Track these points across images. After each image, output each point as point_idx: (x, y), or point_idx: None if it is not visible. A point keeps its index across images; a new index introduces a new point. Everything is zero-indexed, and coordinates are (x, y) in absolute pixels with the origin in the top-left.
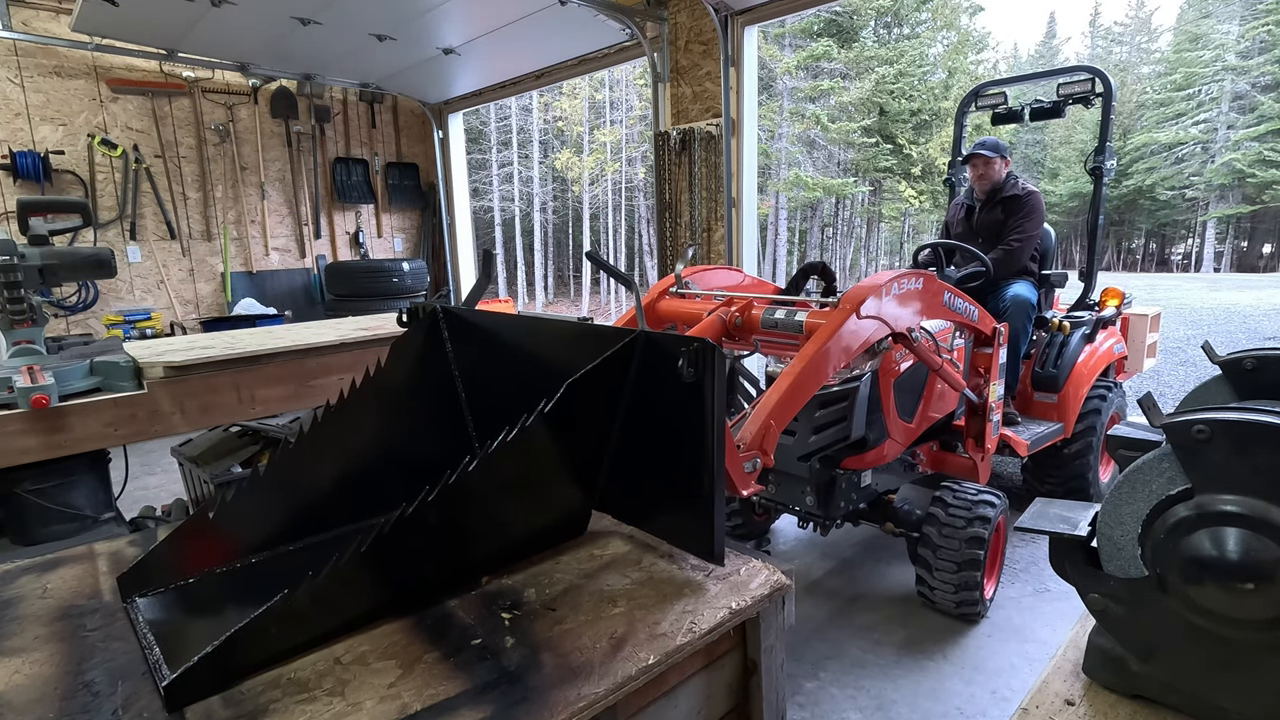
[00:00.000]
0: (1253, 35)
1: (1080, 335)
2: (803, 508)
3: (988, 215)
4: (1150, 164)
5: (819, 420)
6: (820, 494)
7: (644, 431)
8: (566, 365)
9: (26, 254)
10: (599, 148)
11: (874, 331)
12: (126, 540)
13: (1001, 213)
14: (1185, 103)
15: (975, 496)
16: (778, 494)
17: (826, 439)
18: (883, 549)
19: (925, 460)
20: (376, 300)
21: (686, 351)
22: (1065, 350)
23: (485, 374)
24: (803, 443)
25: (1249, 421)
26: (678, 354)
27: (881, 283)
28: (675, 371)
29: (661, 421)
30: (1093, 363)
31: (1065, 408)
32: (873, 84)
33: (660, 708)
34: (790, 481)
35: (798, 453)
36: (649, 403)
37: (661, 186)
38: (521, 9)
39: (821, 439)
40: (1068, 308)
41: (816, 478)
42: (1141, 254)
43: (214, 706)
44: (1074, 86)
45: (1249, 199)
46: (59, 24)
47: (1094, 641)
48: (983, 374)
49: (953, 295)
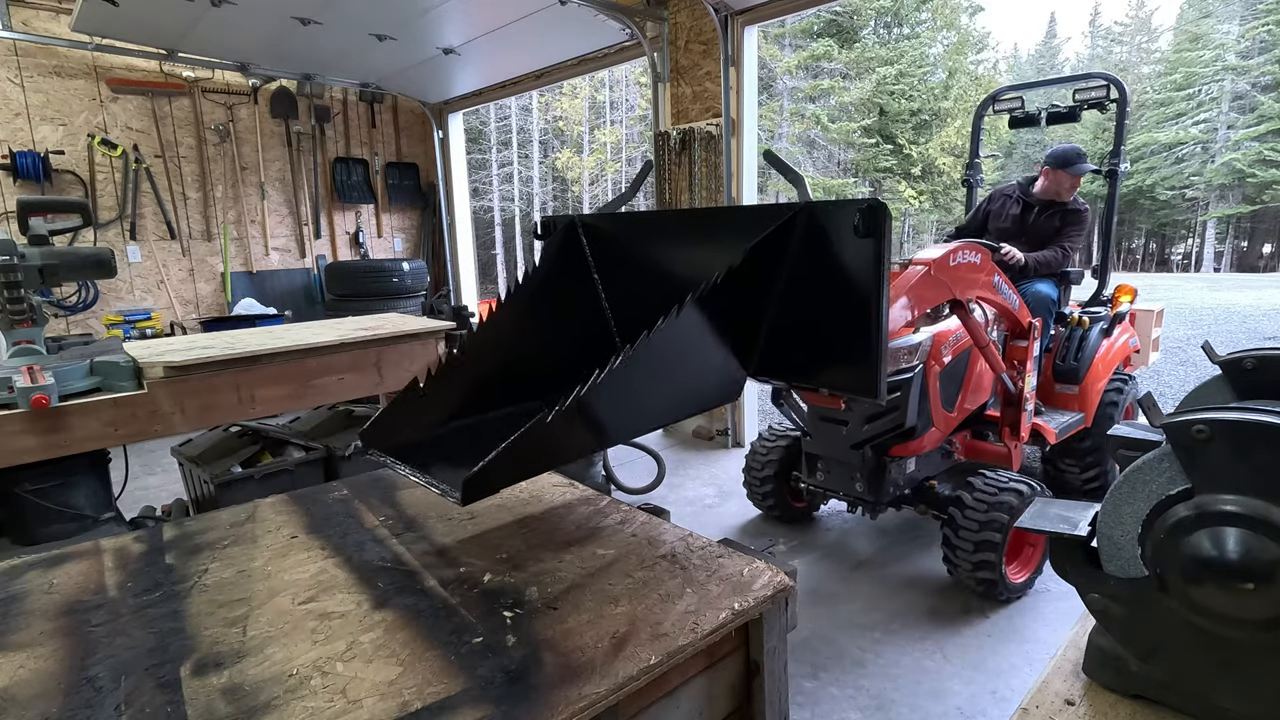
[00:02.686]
0: (1253, 35)
1: (1098, 330)
2: (852, 494)
3: (1045, 221)
4: (1150, 164)
5: (872, 411)
6: (871, 480)
7: (804, 295)
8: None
9: (26, 254)
10: (599, 148)
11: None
12: (132, 537)
13: (1059, 222)
14: (1185, 103)
15: (1005, 484)
16: (827, 481)
17: (880, 428)
18: (886, 545)
19: (960, 448)
20: (376, 300)
21: (862, 211)
22: (1085, 344)
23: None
24: (856, 431)
25: (1249, 421)
26: (850, 215)
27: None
28: (841, 234)
29: (823, 282)
30: (1110, 356)
31: (1086, 399)
32: (873, 84)
33: (662, 708)
34: (840, 469)
35: (851, 441)
36: (812, 267)
37: (661, 186)
38: (521, 9)
39: (875, 428)
40: (1080, 304)
41: (868, 465)
42: (1141, 254)
43: (216, 702)
44: (1090, 92)
45: (1249, 199)
46: (59, 24)
47: (1094, 641)
48: (1017, 366)
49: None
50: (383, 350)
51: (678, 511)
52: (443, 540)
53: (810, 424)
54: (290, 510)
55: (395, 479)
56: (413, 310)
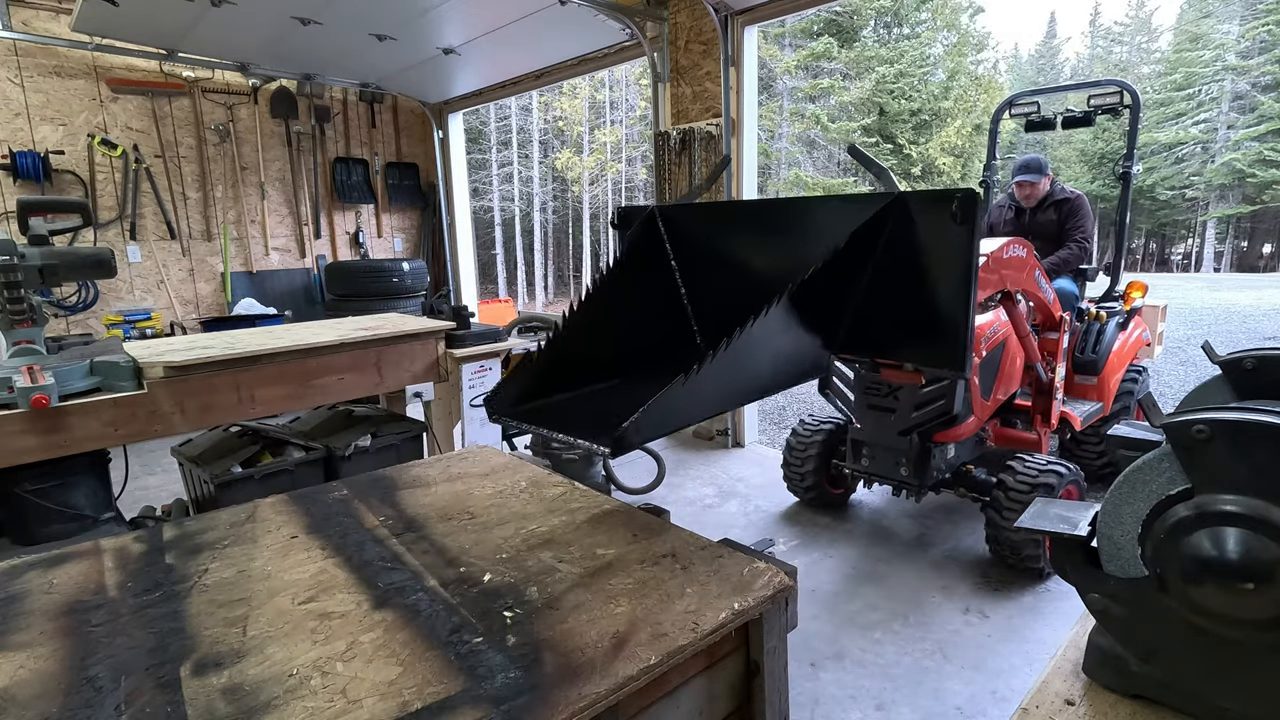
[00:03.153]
0: (1253, 35)
1: (1114, 324)
2: (897, 478)
3: (1041, 217)
4: (1150, 164)
5: (921, 398)
6: (916, 464)
7: (893, 278)
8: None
9: (26, 254)
10: (599, 147)
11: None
12: (132, 537)
13: (1055, 214)
14: (1185, 103)
15: (1044, 467)
16: (872, 466)
17: (927, 415)
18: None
19: (992, 435)
20: (376, 300)
21: (960, 199)
22: (1102, 338)
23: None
24: (904, 418)
25: (1249, 421)
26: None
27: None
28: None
29: (914, 266)
30: (1125, 349)
31: (1104, 388)
32: (873, 84)
33: (662, 708)
34: (886, 454)
35: (899, 427)
36: (904, 251)
37: (661, 186)
38: (521, 9)
39: (922, 415)
40: (1095, 300)
41: (914, 450)
42: (1141, 254)
43: (216, 702)
44: (1104, 98)
45: (1249, 199)
46: (59, 24)
47: (1094, 641)
48: (1048, 357)
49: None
50: (383, 350)
51: (678, 511)
52: (443, 540)
53: (858, 412)
54: (290, 510)
55: (395, 478)
56: (413, 310)
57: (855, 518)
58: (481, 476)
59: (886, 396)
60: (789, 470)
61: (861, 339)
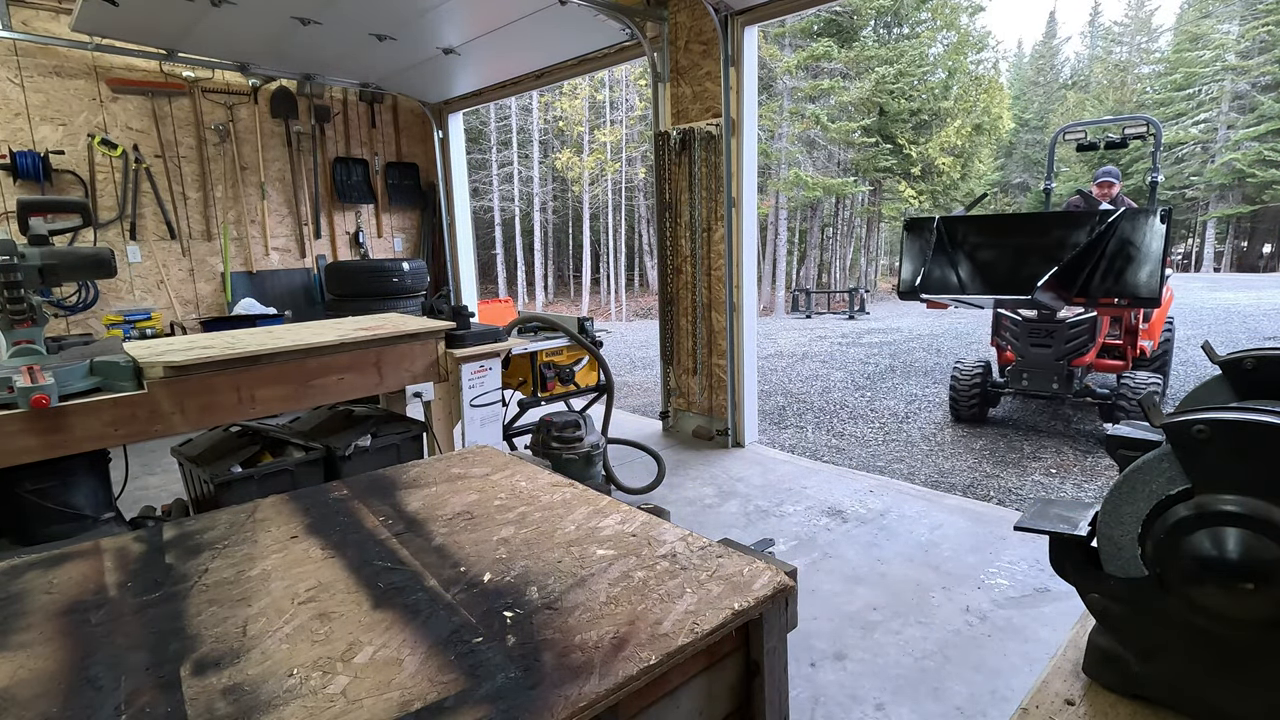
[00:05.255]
0: (1253, 35)
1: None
2: (1049, 391)
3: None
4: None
5: (1070, 335)
6: (1064, 382)
7: (1113, 255)
8: (1042, 238)
9: (26, 254)
10: (599, 148)
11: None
12: (132, 537)
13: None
14: (1185, 103)
15: (1147, 380)
16: (1030, 385)
17: (1074, 349)
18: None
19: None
20: (376, 300)
21: (1165, 211)
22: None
23: (974, 256)
24: (1059, 350)
25: (1249, 421)
26: (1155, 213)
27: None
28: (1144, 223)
29: (1127, 248)
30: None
31: (1154, 330)
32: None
33: (662, 708)
34: (1041, 374)
35: (1054, 356)
36: (1123, 240)
37: (661, 186)
38: (521, 9)
39: (1070, 348)
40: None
41: (1063, 372)
42: None
43: (216, 702)
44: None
45: (1249, 199)
46: (59, 24)
47: (1094, 641)
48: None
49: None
50: (383, 350)
51: (678, 511)
52: (443, 540)
53: (1022, 348)
54: (290, 510)
55: (395, 478)
56: (413, 310)
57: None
58: (481, 476)
59: (1045, 337)
60: (957, 396)
61: (1087, 291)
